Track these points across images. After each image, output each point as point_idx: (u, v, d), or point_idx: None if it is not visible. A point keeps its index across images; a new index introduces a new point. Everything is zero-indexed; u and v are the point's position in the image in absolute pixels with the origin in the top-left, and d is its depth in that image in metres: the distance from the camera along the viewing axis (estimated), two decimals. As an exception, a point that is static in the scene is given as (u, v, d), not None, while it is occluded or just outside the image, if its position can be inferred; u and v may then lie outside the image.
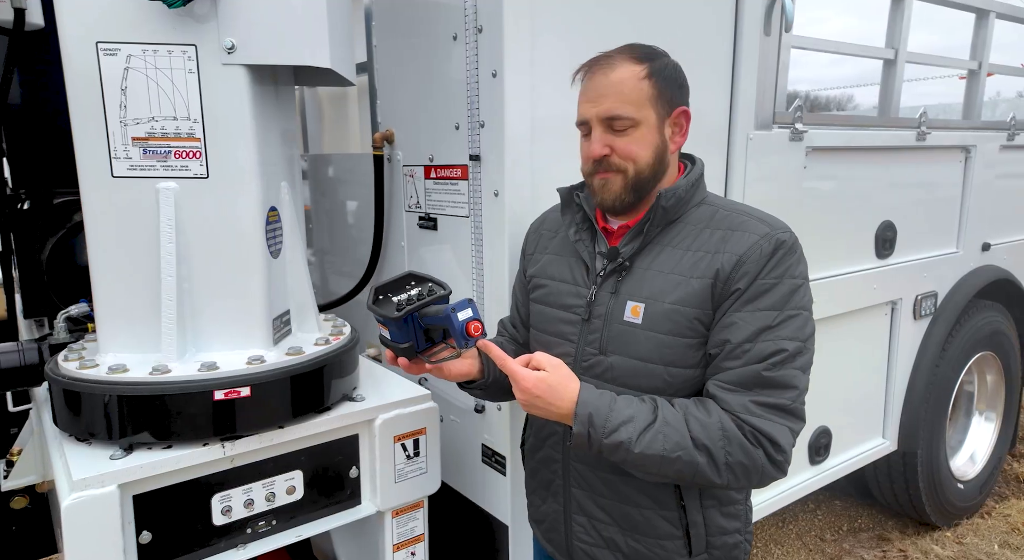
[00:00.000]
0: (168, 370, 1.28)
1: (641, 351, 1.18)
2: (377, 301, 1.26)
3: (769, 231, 1.14)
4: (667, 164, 1.21)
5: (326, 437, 1.46)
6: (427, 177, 1.93)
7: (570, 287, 1.29)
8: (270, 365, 1.34)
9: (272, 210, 1.43)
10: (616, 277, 1.23)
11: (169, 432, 1.26)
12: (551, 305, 1.33)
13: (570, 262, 1.31)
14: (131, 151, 1.29)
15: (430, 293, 1.25)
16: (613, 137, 1.17)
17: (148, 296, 1.33)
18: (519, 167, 1.63)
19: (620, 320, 1.21)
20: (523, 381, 1.12)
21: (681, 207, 1.21)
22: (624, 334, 1.20)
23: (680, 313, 1.15)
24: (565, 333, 1.29)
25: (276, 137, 1.47)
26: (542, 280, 1.37)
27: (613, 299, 1.22)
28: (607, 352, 1.22)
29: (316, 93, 2.76)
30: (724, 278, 1.12)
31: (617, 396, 1.13)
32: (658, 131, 1.18)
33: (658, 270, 1.18)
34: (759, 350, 1.09)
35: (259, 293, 1.39)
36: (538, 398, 1.12)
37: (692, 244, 1.18)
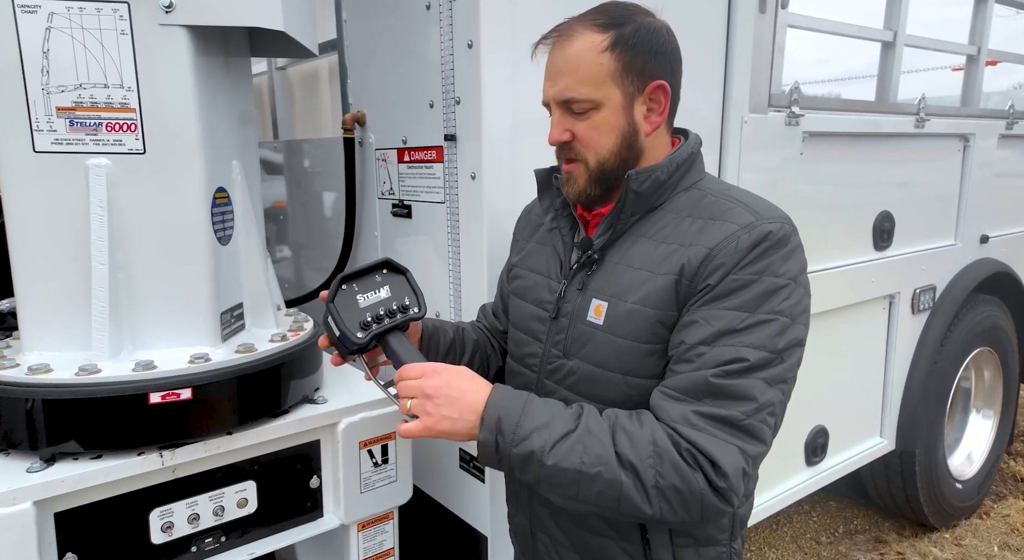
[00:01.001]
0: (97, 370, 1.13)
1: (599, 356, 1.03)
2: (340, 294, 1.05)
3: (753, 220, 0.97)
4: (640, 149, 1.05)
5: (282, 444, 1.32)
6: (400, 161, 1.79)
7: (544, 280, 1.16)
8: (215, 364, 1.20)
9: (220, 191, 1.29)
10: (586, 271, 1.08)
11: (98, 440, 1.12)
12: (525, 299, 1.20)
13: (547, 253, 1.18)
14: (55, 122, 1.14)
15: (402, 310, 1.07)
16: (573, 121, 1.03)
17: (78, 287, 1.18)
18: (498, 147, 1.50)
19: (584, 320, 1.06)
20: (410, 371, 0.97)
21: (663, 192, 1.05)
22: (586, 335, 1.05)
23: (640, 314, 0.99)
24: (535, 331, 1.15)
25: (226, 111, 1.32)
26: (521, 271, 1.25)
27: (580, 296, 1.08)
28: (570, 355, 1.07)
29: (286, 75, 2.61)
30: (691, 274, 0.96)
31: (534, 398, 0.97)
32: (624, 112, 1.01)
33: (627, 264, 1.03)
34: (715, 355, 0.91)
35: (204, 284, 1.24)
36: (435, 398, 0.94)
37: (669, 235, 1.01)
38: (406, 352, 1.03)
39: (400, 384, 0.98)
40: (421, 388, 0.95)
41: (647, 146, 1.05)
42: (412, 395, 0.96)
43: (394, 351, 1.04)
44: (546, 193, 1.18)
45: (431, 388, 0.94)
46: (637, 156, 1.05)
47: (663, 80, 1.02)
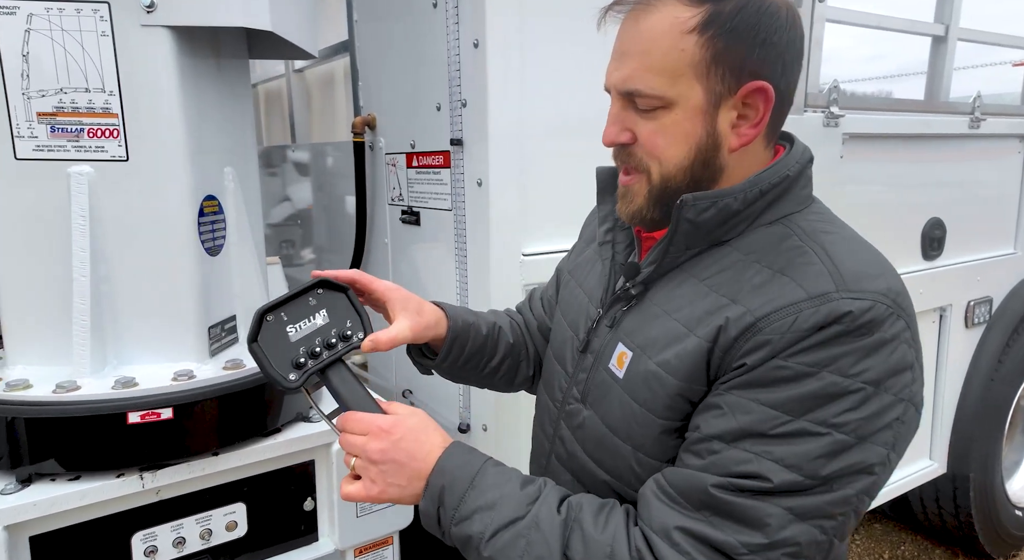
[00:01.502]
0: (76, 387, 1.08)
1: (612, 417, 0.84)
2: (265, 329, 0.85)
3: (830, 289, 0.70)
4: (719, 168, 0.79)
5: (274, 464, 1.25)
6: (409, 165, 1.71)
7: (586, 301, 0.97)
8: (199, 381, 1.14)
9: (209, 199, 1.23)
10: (621, 306, 0.88)
11: (76, 461, 1.07)
12: (566, 315, 1.01)
13: (598, 269, 0.97)
14: (36, 129, 1.10)
15: (343, 339, 0.88)
16: (636, 118, 0.79)
17: (60, 300, 1.13)
18: (505, 152, 1.41)
19: (606, 365, 0.87)
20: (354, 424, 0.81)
21: (735, 225, 0.79)
22: (604, 386, 0.86)
23: (661, 381, 0.77)
24: (565, 359, 0.97)
25: (218, 115, 1.27)
26: (569, 280, 1.06)
27: (609, 335, 0.88)
28: (586, 402, 0.90)
29: (303, 78, 2.57)
30: (726, 344, 0.72)
31: (489, 468, 0.80)
32: (703, 117, 0.76)
33: (665, 310, 0.81)
34: (729, 458, 0.70)
35: (189, 297, 1.18)
36: (380, 464, 0.79)
37: (726, 283, 0.76)
38: (350, 393, 0.86)
39: (342, 437, 0.83)
40: (365, 450, 0.80)
41: (730, 165, 0.79)
42: (355, 454, 0.81)
43: (337, 391, 0.86)
44: (607, 198, 0.95)
45: (376, 452, 0.79)
46: (714, 176, 0.79)
47: (766, 81, 0.75)
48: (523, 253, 1.50)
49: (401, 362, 1.89)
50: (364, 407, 0.85)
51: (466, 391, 1.60)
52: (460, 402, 1.62)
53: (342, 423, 0.84)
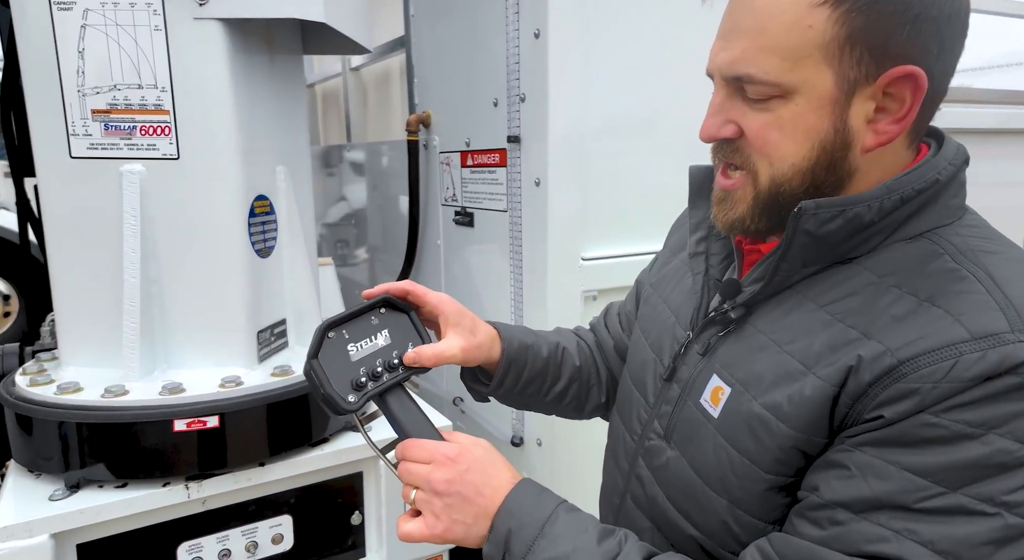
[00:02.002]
0: (124, 392, 1.05)
1: (703, 462, 0.71)
2: (326, 345, 0.80)
3: (1002, 330, 0.56)
4: (848, 171, 0.66)
5: (321, 476, 1.20)
6: (463, 165, 1.65)
7: (671, 321, 0.84)
8: (247, 388, 1.10)
9: (260, 200, 1.19)
10: (717, 330, 0.75)
11: (123, 468, 1.04)
12: (648, 335, 0.88)
13: (686, 283, 0.85)
14: (91, 126, 1.08)
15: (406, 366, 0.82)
16: (745, 109, 0.66)
17: (113, 301, 1.11)
18: (565, 150, 1.32)
19: (696, 400, 0.74)
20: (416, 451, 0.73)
21: (866, 239, 0.65)
22: (694, 424, 0.74)
23: (768, 428, 0.64)
24: (645, 385, 0.84)
25: (270, 112, 1.23)
26: (651, 294, 0.92)
27: (701, 364, 0.75)
28: (671, 440, 0.77)
29: (360, 76, 2.54)
30: (857, 390, 0.59)
31: (562, 513, 0.69)
32: (832, 109, 0.63)
33: (775, 340, 0.68)
34: (858, 534, 0.57)
35: (238, 299, 1.15)
36: (445, 497, 0.70)
37: (854, 311, 0.63)
38: (411, 420, 0.79)
39: (403, 466, 0.74)
40: (428, 480, 0.71)
41: (862, 168, 0.65)
42: (416, 485, 0.72)
43: (395, 417, 0.80)
44: (701, 202, 0.82)
45: (441, 482, 0.70)
46: (839, 181, 0.66)
47: (917, 65, 0.61)
48: (582, 257, 1.41)
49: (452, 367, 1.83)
50: (425, 434, 0.78)
51: (520, 401, 1.52)
52: (513, 414, 1.54)
53: (403, 450, 0.76)
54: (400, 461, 0.76)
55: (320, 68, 2.88)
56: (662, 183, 1.49)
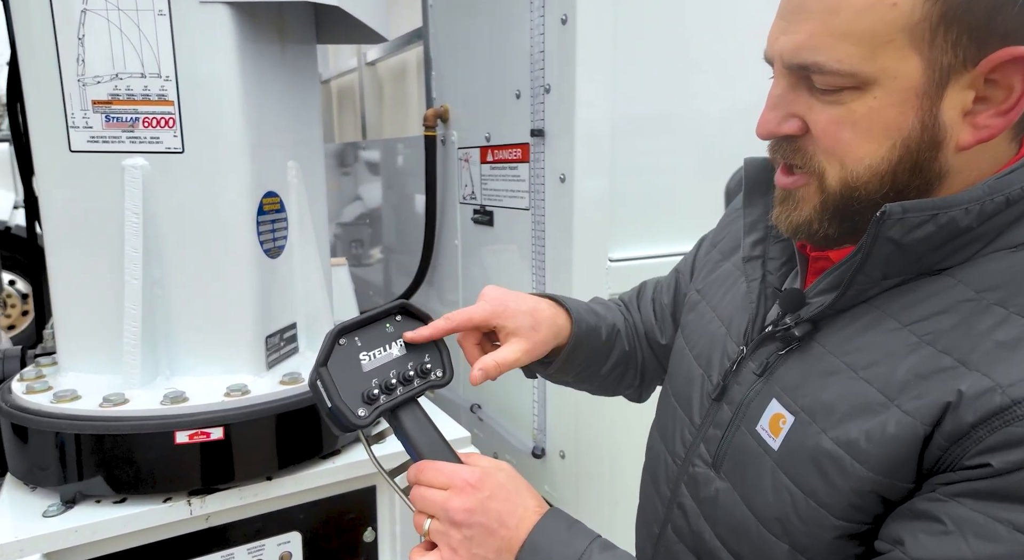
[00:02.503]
0: (124, 401, 0.99)
1: (760, 500, 0.63)
2: (337, 353, 0.72)
3: None
4: (939, 173, 0.56)
5: (332, 490, 1.13)
6: (483, 161, 1.57)
7: (722, 333, 0.75)
8: (253, 397, 1.03)
9: (271, 197, 1.12)
10: (777, 347, 0.66)
11: (122, 482, 0.97)
12: (692, 346, 0.80)
13: (739, 291, 0.76)
14: (91, 118, 1.01)
15: (422, 375, 0.76)
16: (811, 102, 0.58)
17: (114, 303, 1.04)
18: (593, 144, 1.24)
19: (752, 427, 0.65)
20: (432, 475, 0.66)
21: (961, 247, 0.55)
22: (748, 453, 0.65)
23: (841, 468, 0.56)
24: (690, 402, 0.76)
25: (281, 104, 1.16)
26: (698, 301, 0.84)
27: (758, 386, 0.66)
28: (720, 469, 0.69)
29: (376, 71, 2.48)
30: (957, 431, 0.50)
31: (600, 553, 0.63)
32: (921, 104, 0.54)
33: (847, 362, 0.59)
34: None
35: (246, 302, 1.08)
36: (464, 528, 0.63)
37: (947, 333, 0.54)
38: (426, 439, 0.72)
39: (416, 491, 0.67)
40: (446, 508, 0.64)
41: (956, 168, 0.56)
42: (431, 513, 0.65)
43: (408, 436, 0.72)
44: (757, 199, 0.74)
45: (460, 512, 0.63)
46: (926, 184, 0.57)
47: None
48: (610, 258, 1.33)
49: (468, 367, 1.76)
50: (441, 455, 0.71)
51: (541, 411, 1.44)
52: (535, 423, 1.46)
53: (416, 473, 0.69)
54: (413, 485, 0.69)
55: (335, 63, 2.82)
56: (698, 179, 1.40)
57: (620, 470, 1.37)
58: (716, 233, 0.92)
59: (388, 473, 0.76)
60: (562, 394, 1.37)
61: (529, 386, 1.47)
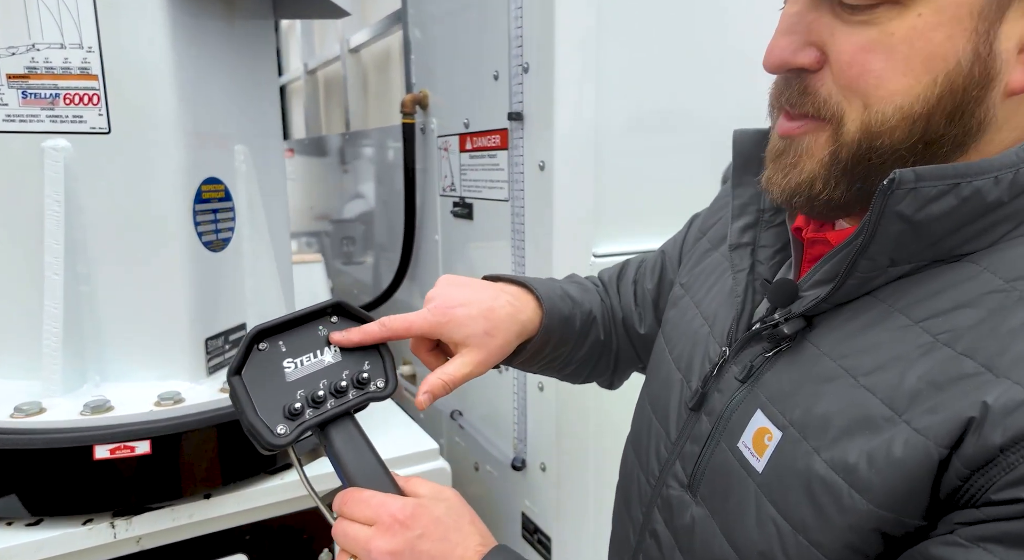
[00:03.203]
0: (39, 410, 0.88)
1: (741, 532, 0.52)
2: (254, 359, 0.62)
3: None
4: (978, 123, 0.45)
5: (282, 508, 1.02)
6: (462, 149, 1.46)
7: (704, 332, 0.65)
8: (187, 407, 0.92)
9: (212, 183, 1.01)
10: (764, 348, 0.55)
11: (35, 503, 0.87)
12: (672, 347, 0.70)
13: (724, 284, 0.67)
14: (6, 94, 0.91)
15: (359, 385, 0.64)
16: (835, 24, 0.46)
17: (36, 302, 0.94)
18: (574, 127, 1.13)
19: (732, 442, 0.55)
20: (356, 508, 0.56)
21: (988, 227, 0.45)
22: (727, 475, 0.54)
23: (838, 497, 0.45)
24: (667, 411, 0.65)
25: (226, 83, 1.05)
26: (682, 297, 0.73)
27: (741, 395, 0.56)
28: (696, 492, 0.58)
29: (359, 59, 2.37)
30: (981, 455, 0.39)
31: None
32: (977, 26, 0.43)
33: (845, 365, 0.48)
34: None
35: (180, 300, 0.97)
36: (418, 541, 0.54)
37: (966, 326, 0.43)
38: (356, 461, 0.61)
39: (338, 526, 0.57)
40: (367, 548, 0.54)
41: (1000, 119, 0.45)
42: (353, 553, 0.55)
43: (337, 457, 0.61)
44: (748, 178, 0.64)
45: (384, 554, 0.53)
46: (965, 136, 0.45)
47: None
48: (594, 254, 1.21)
49: (451, 376, 1.65)
50: (373, 482, 0.60)
51: (521, 418, 1.33)
52: (515, 433, 1.35)
53: (340, 504, 0.58)
54: (338, 515, 0.58)
55: (321, 52, 2.71)
56: (690, 165, 1.29)
57: (605, 484, 1.26)
58: (706, 217, 0.81)
59: (322, 498, 0.65)
60: (543, 400, 1.26)
61: (509, 391, 1.36)
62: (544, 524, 1.29)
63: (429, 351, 0.72)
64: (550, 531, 1.26)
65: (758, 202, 0.64)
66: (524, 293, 0.75)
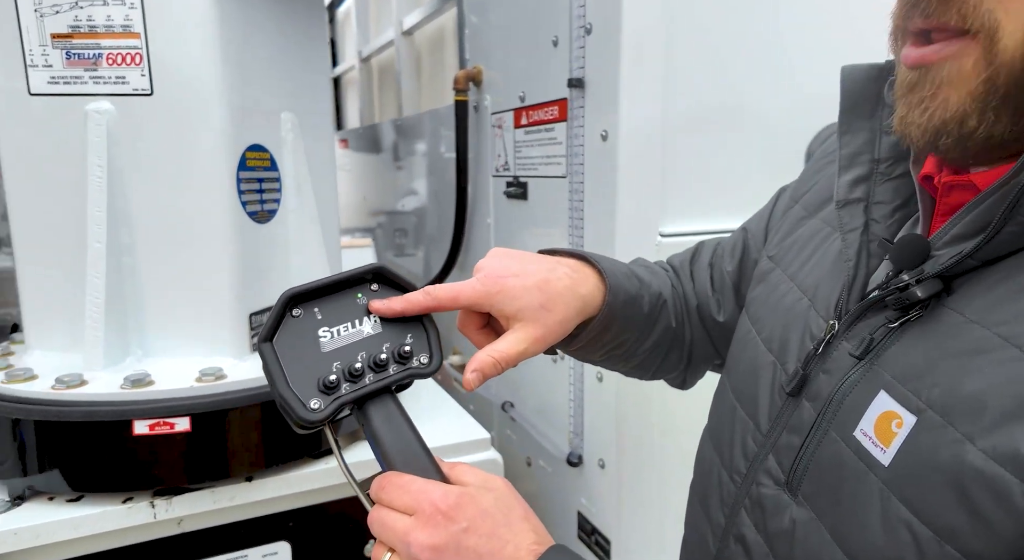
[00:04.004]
0: (80, 383, 0.85)
1: (860, 535, 0.43)
2: (287, 326, 0.55)
3: None
4: None
5: (327, 495, 0.97)
6: (517, 124, 1.38)
7: (805, 307, 0.56)
8: (229, 383, 0.87)
9: (257, 151, 0.96)
10: (886, 318, 0.46)
11: (75, 479, 0.84)
12: (760, 325, 0.61)
13: (828, 251, 0.57)
14: (51, 55, 0.88)
15: (400, 359, 0.57)
16: None
17: (80, 274, 0.91)
18: (641, 93, 1.03)
19: (847, 431, 0.45)
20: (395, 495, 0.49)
21: None
22: (841, 470, 0.45)
23: (1004, 493, 0.35)
24: (756, 399, 0.57)
25: (271, 46, 1.00)
26: (771, 271, 0.64)
27: (858, 373, 0.47)
28: (797, 491, 0.49)
29: (412, 42, 2.32)
30: None
31: None
32: None
33: (1000, 333, 0.38)
34: None
35: (224, 271, 0.92)
36: (464, 536, 0.46)
37: None
38: (396, 442, 0.54)
39: (375, 513, 0.50)
40: (407, 542, 0.46)
41: None
42: (391, 545, 0.48)
43: (375, 436, 0.54)
44: (860, 122, 0.54)
45: (425, 549, 0.46)
46: None
47: None
48: (661, 233, 1.11)
49: (502, 366, 1.58)
50: (414, 466, 0.52)
51: (578, 410, 1.24)
52: (571, 425, 1.26)
53: (378, 489, 0.51)
54: (376, 502, 0.51)
55: (376, 39, 2.68)
56: (771, 134, 1.17)
57: (672, 485, 1.16)
58: (798, 185, 0.72)
59: (359, 484, 0.58)
60: (602, 391, 1.17)
61: (565, 381, 1.27)
62: (603, 525, 1.20)
63: (479, 329, 0.65)
64: (609, 533, 1.17)
65: (871, 150, 0.54)
66: (584, 266, 0.67)
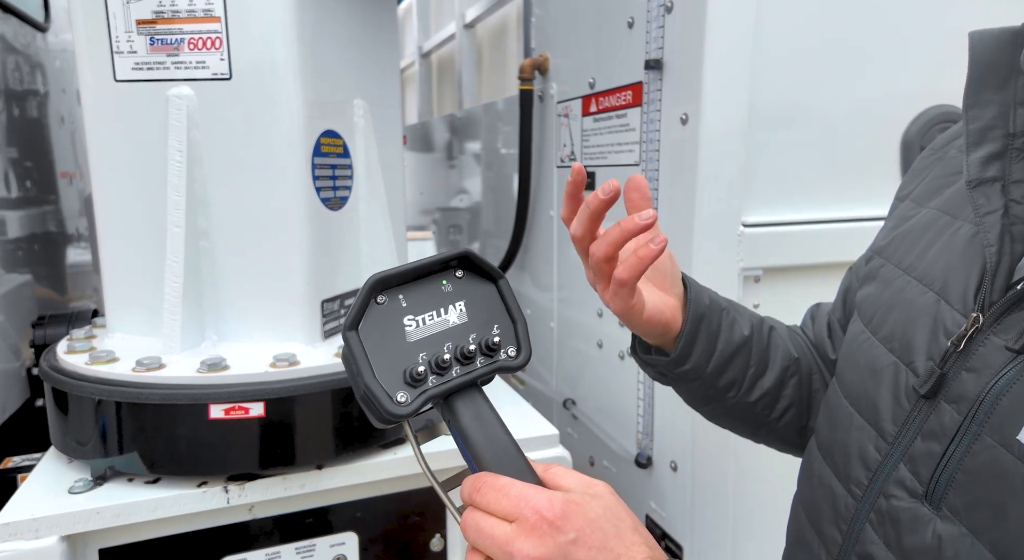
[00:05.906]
0: (159, 366, 0.86)
1: None
2: (371, 314, 0.52)
3: None
4: None
5: (395, 486, 0.95)
6: (585, 113, 1.34)
7: (932, 302, 0.52)
8: (302, 370, 0.86)
9: (331, 137, 0.95)
10: None
11: (153, 461, 0.84)
12: (876, 326, 0.57)
13: (957, 240, 0.53)
14: (136, 41, 0.89)
15: (488, 351, 0.54)
16: None
17: (160, 258, 0.92)
18: (727, 74, 0.98)
19: (1007, 435, 0.42)
20: (492, 499, 0.44)
21: None
22: (1001, 478, 0.42)
23: None
24: (876, 404, 0.53)
25: (344, 28, 0.99)
26: (881, 265, 0.61)
27: (1015, 371, 0.43)
28: (941, 503, 0.45)
29: (474, 35, 2.31)
30: None
31: None
32: None
33: None
34: None
35: (297, 257, 0.92)
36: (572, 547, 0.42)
37: None
38: (487, 440, 0.50)
39: (469, 517, 0.45)
40: (509, 552, 0.42)
41: None
42: (489, 553, 0.44)
43: (465, 434, 0.51)
44: (989, 93, 0.51)
45: (529, 559, 0.42)
46: None
47: None
48: (743, 223, 1.05)
49: (563, 357, 1.54)
50: (509, 467, 0.48)
51: (648, 410, 1.19)
52: (640, 426, 1.21)
53: (472, 492, 0.46)
54: (468, 507, 0.47)
55: (436, 33, 2.68)
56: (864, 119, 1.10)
57: (748, 491, 1.10)
58: (904, 184, 0.67)
59: (442, 484, 0.54)
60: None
61: (634, 380, 1.23)
62: (674, 531, 1.14)
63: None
64: (682, 540, 1.12)
65: (1004, 124, 0.50)
66: None
